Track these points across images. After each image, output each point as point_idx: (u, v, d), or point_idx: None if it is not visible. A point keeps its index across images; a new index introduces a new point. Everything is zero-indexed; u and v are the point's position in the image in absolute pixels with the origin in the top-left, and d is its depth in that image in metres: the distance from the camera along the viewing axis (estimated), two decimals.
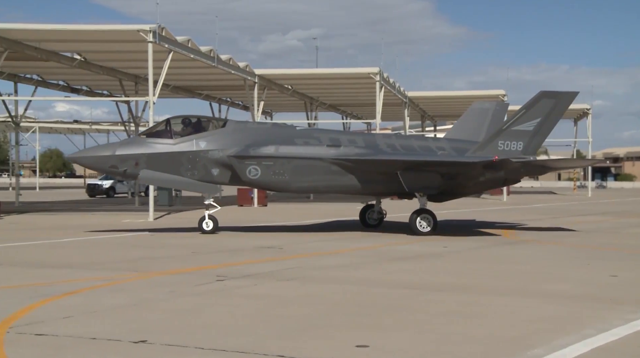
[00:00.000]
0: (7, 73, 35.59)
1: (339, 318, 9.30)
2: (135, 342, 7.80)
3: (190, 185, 21.51)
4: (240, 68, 36.88)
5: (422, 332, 8.60)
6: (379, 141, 22.74)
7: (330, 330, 8.65)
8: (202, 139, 21.13)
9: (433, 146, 22.85)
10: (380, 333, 8.49)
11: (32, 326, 8.53)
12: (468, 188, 22.50)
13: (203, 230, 21.29)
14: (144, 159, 20.85)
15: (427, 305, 10.29)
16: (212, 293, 11.17)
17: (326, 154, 21.25)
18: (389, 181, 21.34)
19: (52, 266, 14.31)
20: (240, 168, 20.96)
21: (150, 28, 26.92)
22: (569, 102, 23.03)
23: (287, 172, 21.15)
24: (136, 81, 38.68)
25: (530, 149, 22.41)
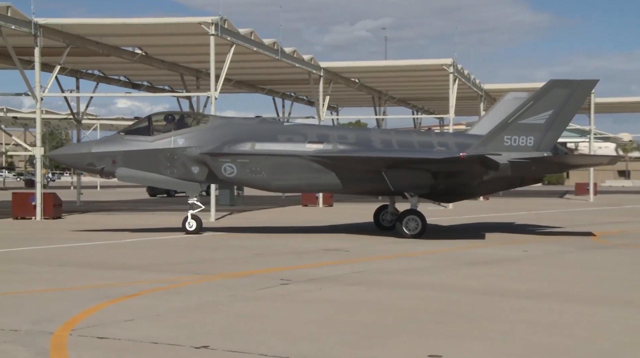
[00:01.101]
0: (69, 69, 36.91)
1: (410, 326, 9.22)
2: (197, 348, 7.96)
3: (169, 183, 21.93)
4: (305, 61, 37.08)
5: (502, 341, 8.44)
6: (373, 137, 22.38)
7: (400, 338, 8.60)
8: (181, 136, 21.35)
9: (435, 142, 22.14)
10: (455, 342, 8.38)
11: (94, 329, 8.82)
12: (474, 188, 21.62)
13: (186, 230, 21.56)
14: (121, 156, 21.36)
15: (506, 312, 10.10)
16: (275, 297, 11.28)
17: (306, 151, 21.01)
18: (373, 180, 20.79)
19: (114, 267, 14.76)
20: (215, 166, 21.08)
21: (212, 20, 27.39)
22: (586, 91, 21.97)
23: (265, 170, 21.07)
24: (197, 75, 39.44)
25: (544, 144, 21.32)
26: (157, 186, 24.41)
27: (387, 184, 20.55)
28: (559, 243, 19.90)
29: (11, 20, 26.36)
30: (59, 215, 28.54)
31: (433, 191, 21.25)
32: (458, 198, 22.44)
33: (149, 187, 53.79)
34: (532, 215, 31.94)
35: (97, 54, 33.01)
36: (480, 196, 23.75)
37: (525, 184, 22.78)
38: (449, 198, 22.36)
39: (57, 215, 28.27)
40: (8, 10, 26.18)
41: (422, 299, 11.14)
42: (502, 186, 22.78)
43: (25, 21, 26.95)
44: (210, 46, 27.25)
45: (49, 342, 8.18)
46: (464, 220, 28.21)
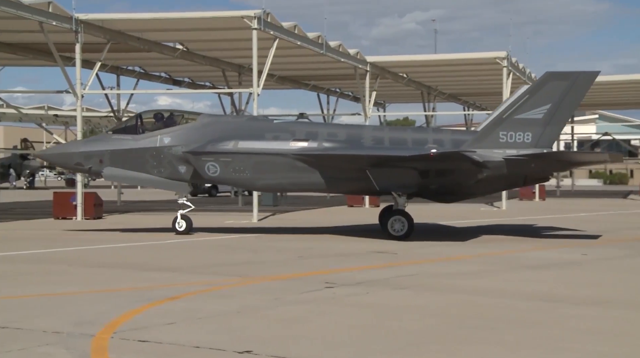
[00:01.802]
0: (110, 66, 37.62)
1: (459, 333, 9.18)
2: (239, 352, 8.06)
3: (156, 183, 22.18)
4: (351, 55, 37.07)
5: (557, 350, 8.34)
6: (365, 134, 22.23)
7: (449, 345, 8.57)
8: (167, 134, 21.59)
9: (430, 139, 21.78)
10: (507, 350, 8.31)
11: (136, 332, 9.00)
12: (470, 187, 21.20)
13: (176, 230, 21.79)
14: (108, 156, 21.68)
15: (562, 320, 9.96)
16: (320, 301, 11.34)
17: (289, 150, 20.99)
18: (359, 179, 20.61)
19: (155, 269, 15.02)
20: (199, 165, 21.24)
21: (255, 14, 27.59)
22: (587, 83, 21.35)
23: (248, 169, 21.15)
24: (240, 71, 39.78)
25: (543, 140, 20.82)
26: (145, 186, 24.90)
27: (373, 184, 20.43)
28: (622, 246, 19.52)
29: (52, 17, 26.99)
30: (100, 215, 29.12)
31: (424, 190, 21.12)
32: (456, 197, 22.19)
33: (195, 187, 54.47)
34: (592, 216, 31.38)
35: (138, 49, 33.57)
36: (481, 195, 23.69)
37: (529, 184, 22.11)
38: (447, 198, 22.22)
39: (97, 215, 28.86)
40: (49, 6, 26.82)
41: (472, 304, 11.06)
42: (504, 185, 22.31)
43: (67, 17, 27.56)
44: (252, 40, 27.46)
45: (90, 344, 8.39)
46: (517, 221, 27.86)
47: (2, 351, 8.05)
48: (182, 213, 21.99)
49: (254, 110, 28.22)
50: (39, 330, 9.05)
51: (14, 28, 30.00)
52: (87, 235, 22.55)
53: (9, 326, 9.23)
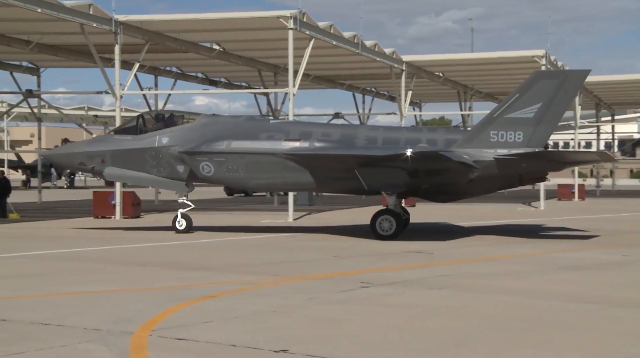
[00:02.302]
0: (148, 66, 38.07)
1: (497, 334, 9.09)
2: (276, 351, 8.09)
3: (155, 182, 22.67)
4: (386, 55, 36.97)
5: (597, 353, 8.21)
6: (359, 134, 22.24)
7: (487, 346, 8.48)
8: (165, 135, 21.94)
9: (424, 139, 21.64)
10: (546, 352, 8.20)
11: (173, 330, 9.09)
12: (464, 187, 21.06)
13: (176, 229, 22.11)
14: (109, 156, 22.13)
15: (603, 322, 9.81)
16: (355, 300, 11.32)
17: (281, 150, 21.10)
18: (349, 179, 20.59)
19: (192, 268, 15.15)
20: (194, 165, 21.57)
21: (291, 14, 27.68)
22: (577, 82, 21.07)
23: (241, 168, 21.37)
24: (275, 71, 39.95)
25: (534, 139, 20.55)
26: (144, 185, 25.38)
27: (362, 183, 20.42)
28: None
29: (93, 18, 27.40)
30: (138, 214, 29.47)
31: (417, 189, 21.11)
32: (451, 197, 22.14)
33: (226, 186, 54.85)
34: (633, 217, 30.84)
35: (176, 50, 33.91)
36: (476, 195, 23.53)
37: (526, 183, 21.86)
38: (442, 197, 22.18)
39: (135, 214, 29.20)
40: (90, 8, 27.24)
41: (510, 305, 10.95)
42: (499, 184, 22.02)
43: (106, 19, 27.96)
44: (288, 40, 27.54)
45: (129, 342, 8.49)
46: (555, 221, 27.50)
47: (45, 347, 8.20)
48: (182, 211, 22.33)
49: (289, 110, 28.33)
50: (80, 327, 9.19)
51: (56, 30, 30.56)
52: (125, 233, 22.84)
53: (51, 323, 9.39)
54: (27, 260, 16.60)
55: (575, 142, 52.21)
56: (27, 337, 8.67)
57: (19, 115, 65.23)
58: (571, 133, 57.65)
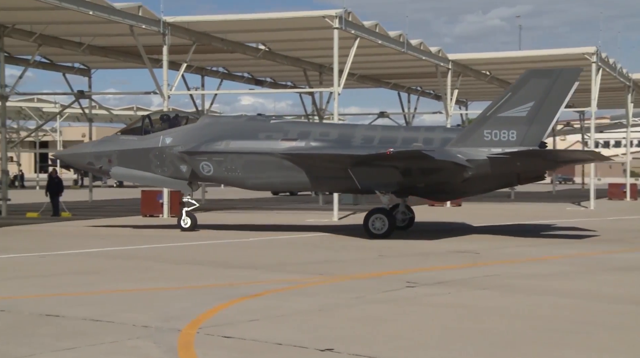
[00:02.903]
0: (195, 67, 38.51)
1: (545, 335, 8.95)
2: (321, 350, 8.11)
3: (159, 181, 23.07)
4: (432, 53, 36.72)
5: None
6: (357, 133, 22.25)
7: (535, 348, 8.37)
8: (169, 135, 22.37)
9: (421, 138, 21.59)
10: (595, 354, 8.07)
11: (220, 328, 9.18)
12: (459, 185, 21.04)
13: (182, 227, 22.57)
14: (116, 155, 22.68)
15: None
16: (401, 300, 11.28)
17: (277, 149, 21.26)
18: (343, 178, 20.73)
19: (238, 266, 15.28)
20: (194, 164, 22.00)
21: (336, 13, 27.70)
22: (570, 80, 20.71)
23: (239, 168, 21.68)
24: (320, 70, 40.00)
25: (528, 138, 20.37)
26: (150, 185, 25.81)
27: (355, 183, 20.51)
28: None
29: (142, 20, 27.84)
30: None
31: (412, 188, 21.25)
32: (449, 196, 22.14)
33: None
34: None
35: (222, 50, 34.22)
36: (475, 194, 23.53)
37: (524, 182, 22.04)
38: (440, 196, 22.22)
39: None
40: (139, 9, 27.68)
41: (559, 307, 10.78)
42: (496, 183, 21.88)
43: (155, 20, 28.37)
44: (334, 39, 27.56)
45: (177, 339, 8.61)
46: (606, 221, 26.97)
47: (96, 343, 8.37)
48: (187, 210, 22.75)
49: (334, 109, 28.34)
50: (129, 323, 9.35)
51: (106, 32, 31.15)
52: (173, 232, 23.14)
53: (101, 319, 9.58)
54: (79, 257, 16.95)
55: (627, 140, 51.10)
56: (79, 333, 8.86)
57: (71, 115, 66.64)
58: (623, 131, 56.42)
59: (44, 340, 8.52)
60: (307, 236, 21.70)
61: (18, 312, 10.04)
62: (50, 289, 12.20)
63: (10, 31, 30.03)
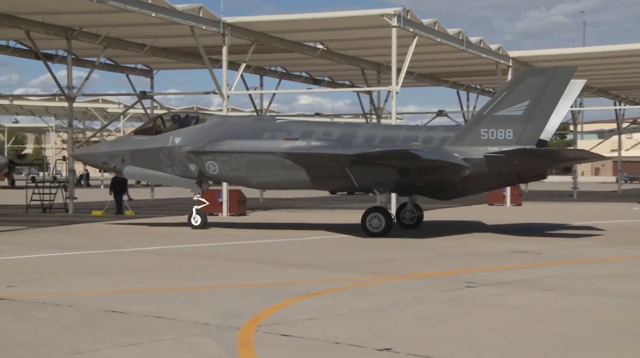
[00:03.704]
0: (253, 67, 38.87)
1: (610, 339, 8.74)
2: (379, 350, 8.09)
3: (170, 180, 23.42)
4: (492, 51, 36.22)
5: None
6: (359, 132, 22.44)
7: (599, 351, 8.19)
8: (178, 135, 22.79)
9: (421, 137, 21.77)
10: None
11: (278, 326, 9.26)
12: (459, 184, 21.10)
13: (192, 225, 22.93)
14: (128, 155, 23.15)
15: None
16: (460, 300, 11.17)
17: (279, 149, 21.48)
18: (341, 177, 20.88)
19: (295, 265, 15.37)
20: (200, 164, 22.39)
21: (394, 12, 27.57)
22: (565, 79, 20.63)
23: (243, 167, 22.02)
24: (379, 69, 39.87)
25: (525, 137, 20.35)
26: (161, 184, 26.18)
27: (353, 181, 20.74)
28: None
29: (202, 21, 28.26)
30: (244, 212, 30.14)
31: (412, 187, 21.47)
32: (450, 194, 22.23)
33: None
34: None
35: (280, 50, 34.44)
36: (476, 192, 23.52)
37: (526, 181, 21.89)
38: (441, 195, 22.31)
39: (241, 212, 29.88)
40: (200, 11, 28.12)
41: (625, 309, 10.51)
42: (497, 182, 22.06)
43: (215, 21, 28.75)
44: (392, 38, 27.44)
45: (237, 337, 8.71)
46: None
47: (159, 339, 8.54)
48: (197, 208, 23.10)
49: (392, 108, 28.21)
50: (190, 320, 9.51)
51: (168, 33, 31.74)
52: (232, 231, 23.42)
53: (163, 316, 9.77)
54: (141, 255, 17.33)
55: None
56: (142, 329, 9.05)
57: (133, 116, 68.04)
58: None
59: (108, 335, 8.73)
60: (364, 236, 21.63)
61: (84, 308, 10.32)
62: (114, 286, 12.50)
63: (77, 34, 30.90)
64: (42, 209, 31.03)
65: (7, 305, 10.61)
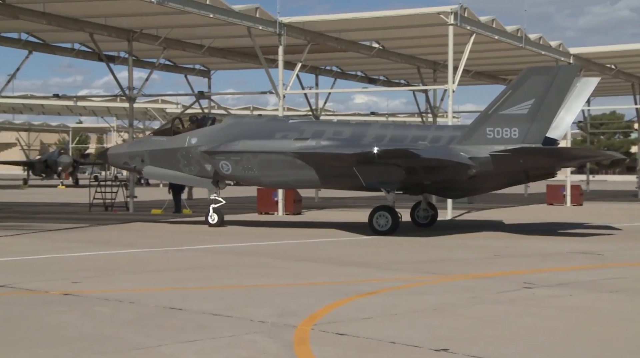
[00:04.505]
0: (309, 66, 39.02)
1: None
2: (436, 350, 8.03)
3: (188, 180, 23.87)
4: (552, 48, 35.55)
5: None
6: (370, 132, 22.63)
7: None
8: (194, 135, 23.15)
9: (430, 136, 21.94)
10: None
11: (334, 325, 9.26)
12: (467, 183, 21.21)
13: (209, 223, 23.25)
14: (147, 155, 23.57)
15: None
16: (518, 301, 10.99)
17: (289, 148, 21.71)
18: (349, 176, 21.01)
19: (352, 264, 15.36)
20: (214, 164, 22.77)
21: (451, 10, 27.32)
22: (569, 78, 20.63)
23: (255, 167, 22.33)
24: (435, 67, 39.55)
25: (530, 136, 20.36)
26: (178, 183, 26.72)
27: (360, 180, 20.86)
28: None
29: (259, 21, 28.52)
30: (299, 211, 30.28)
31: (419, 186, 21.64)
32: (459, 193, 22.47)
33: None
34: None
35: (336, 50, 34.48)
36: (485, 191, 23.68)
37: (534, 179, 21.94)
38: (451, 194, 22.57)
39: (297, 211, 30.02)
40: (257, 11, 28.38)
41: None
42: (505, 181, 21.95)
43: (271, 21, 28.97)
44: (448, 36, 27.19)
45: (293, 335, 8.75)
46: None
47: (217, 337, 8.65)
48: (214, 207, 23.42)
49: (448, 107, 27.95)
50: (247, 318, 9.60)
51: (225, 34, 32.14)
52: (287, 230, 23.56)
53: (221, 313, 9.89)
54: (199, 253, 17.59)
55: None
56: (200, 326, 9.18)
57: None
58: None
59: (168, 331, 8.89)
60: (420, 235, 21.50)
61: (144, 305, 10.53)
62: (173, 283, 12.71)
63: (138, 36, 31.57)
64: (104, 208, 31.77)
65: (72, 300, 10.90)
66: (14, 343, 8.31)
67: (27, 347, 8.14)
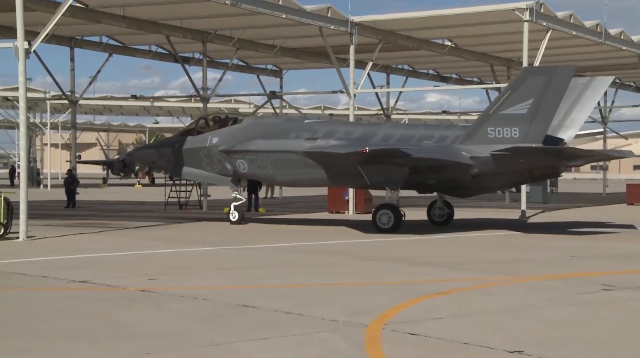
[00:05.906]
0: (380, 65, 38.89)
1: None
2: (510, 352, 7.89)
3: (210, 178, 24.49)
4: (634, 42, 34.41)
5: None
6: (380, 131, 22.99)
7: None
8: (215, 135, 23.63)
9: (437, 136, 22.06)
10: None
11: (405, 325, 9.21)
12: (470, 183, 21.28)
13: (230, 220, 23.75)
14: (172, 154, 24.10)
15: None
16: (597, 303, 10.70)
17: (300, 148, 21.96)
18: (354, 175, 21.27)
19: (422, 263, 15.25)
20: (231, 162, 23.24)
21: (527, 6, 26.75)
22: (566, 77, 20.59)
23: (269, 166, 22.80)
24: (509, 65, 38.80)
25: (531, 135, 20.37)
26: (200, 181, 27.15)
27: (365, 179, 21.12)
28: None
29: (331, 21, 28.60)
30: (370, 210, 30.12)
31: (424, 185, 21.95)
32: (464, 192, 22.45)
33: None
34: None
35: (407, 48, 34.26)
36: (492, 190, 24.06)
37: (539, 179, 22.02)
38: (458, 193, 22.58)
39: (367, 210, 29.88)
40: (328, 11, 28.47)
41: None
42: (510, 179, 22.15)
43: (343, 20, 28.99)
44: (523, 33, 26.63)
45: (364, 334, 8.75)
46: None
47: (288, 334, 8.73)
48: (235, 204, 23.86)
49: None
50: (318, 317, 9.65)
51: (296, 34, 32.36)
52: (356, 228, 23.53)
53: (292, 312, 9.97)
54: (270, 251, 17.78)
55: None
56: (272, 324, 9.28)
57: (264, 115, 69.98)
58: None
59: (241, 329, 9.02)
60: (494, 235, 21.18)
61: (217, 302, 10.71)
62: (246, 281, 12.89)
63: (212, 37, 32.16)
64: (178, 206, 32.47)
65: (148, 296, 11.19)
66: (92, 337, 8.59)
67: (105, 341, 8.40)
